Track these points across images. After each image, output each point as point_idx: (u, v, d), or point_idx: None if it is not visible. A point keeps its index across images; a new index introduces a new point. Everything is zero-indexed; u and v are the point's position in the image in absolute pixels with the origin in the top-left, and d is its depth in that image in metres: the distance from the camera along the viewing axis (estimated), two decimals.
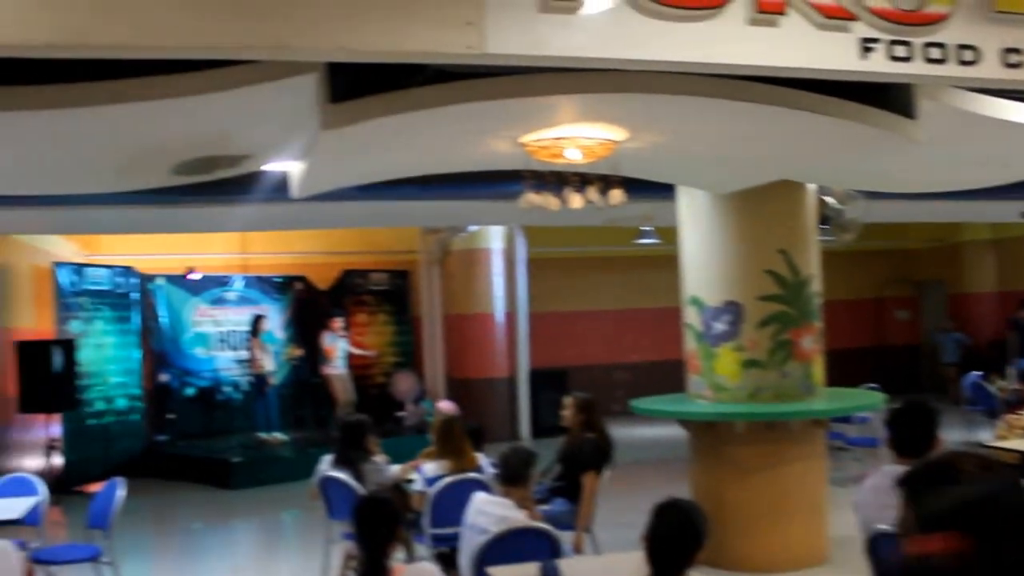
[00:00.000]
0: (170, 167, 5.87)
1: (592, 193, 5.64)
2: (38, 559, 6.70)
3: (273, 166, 6.77)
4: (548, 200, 5.68)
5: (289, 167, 6.67)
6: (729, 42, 4.02)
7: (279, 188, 7.27)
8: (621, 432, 7.75)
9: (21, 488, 7.51)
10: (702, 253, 7.42)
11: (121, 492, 7.08)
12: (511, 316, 16.11)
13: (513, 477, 5.31)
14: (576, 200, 5.67)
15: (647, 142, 5.48)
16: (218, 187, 7.07)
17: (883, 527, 4.02)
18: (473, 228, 15.30)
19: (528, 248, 15.62)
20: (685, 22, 3.96)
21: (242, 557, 9.52)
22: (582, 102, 4.68)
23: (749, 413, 7.05)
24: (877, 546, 4.15)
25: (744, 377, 7.18)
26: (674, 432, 7.93)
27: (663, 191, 7.70)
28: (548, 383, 15.51)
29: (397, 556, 3.94)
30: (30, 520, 6.98)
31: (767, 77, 4.48)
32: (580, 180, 5.73)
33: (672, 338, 9.63)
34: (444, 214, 11.20)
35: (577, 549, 6.59)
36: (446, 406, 11.87)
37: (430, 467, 6.79)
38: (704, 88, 4.54)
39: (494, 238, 16.17)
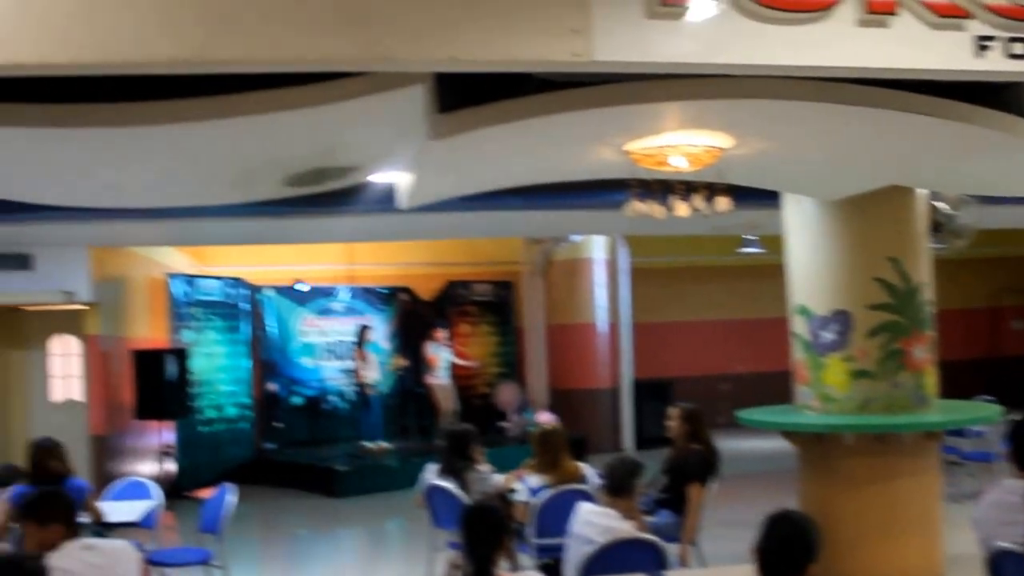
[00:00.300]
0: (282, 179, 6.01)
1: (698, 201, 5.58)
2: (152, 561, 6.91)
3: (379, 177, 6.88)
4: (654, 208, 5.64)
5: (396, 178, 6.76)
6: (838, 44, 3.95)
7: (384, 199, 7.38)
8: (726, 444, 7.65)
9: (137, 492, 7.76)
10: (809, 261, 7.28)
11: (232, 498, 7.25)
12: (614, 326, 16.06)
13: (618, 487, 5.28)
14: (682, 208, 5.62)
15: (753, 149, 5.41)
16: (325, 199, 7.21)
17: (1005, 544, 3.89)
18: (576, 238, 15.31)
19: (631, 258, 15.55)
20: (793, 25, 3.90)
21: (347, 564, 9.66)
22: (689, 109, 4.64)
23: (859, 425, 6.88)
24: (999, 564, 4.01)
25: (853, 388, 7.01)
26: (780, 444, 7.79)
27: (769, 199, 7.58)
28: (651, 394, 15.41)
29: (501, 565, 3.94)
30: (145, 523, 7.20)
31: (878, 80, 4.38)
32: (686, 188, 5.68)
33: (777, 349, 9.47)
34: (547, 224, 11.23)
35: (683, 562, 6.53)
36: (546, 418, 11.88)
37: (534, 478, 6.79)
38: (813, 92, 4.45)
39: (597, 248, 16.17)
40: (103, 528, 6.63)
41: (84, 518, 6.35)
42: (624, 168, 5.53)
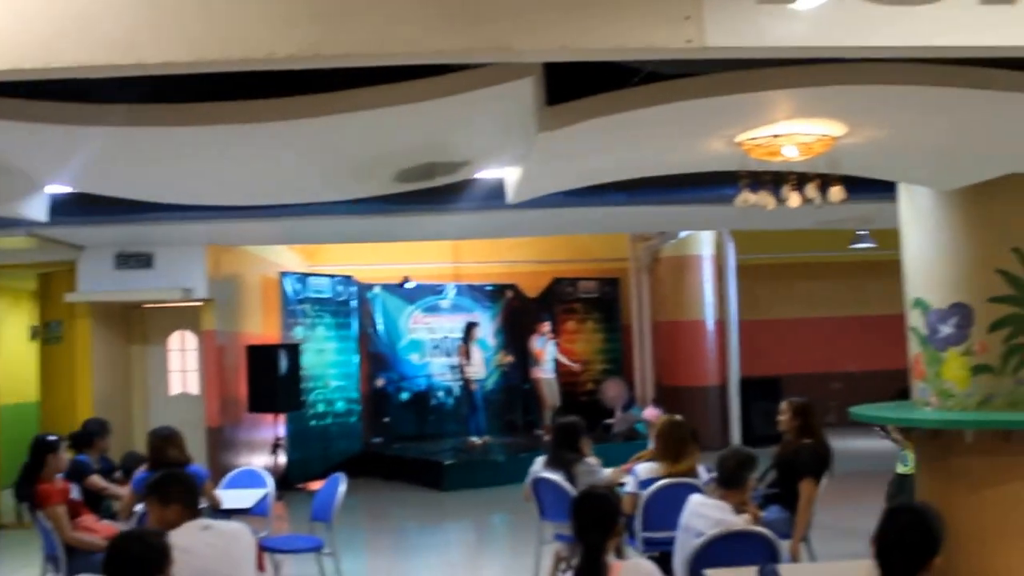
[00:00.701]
0: (393, 174, 6.09)
1: (811, 190, 5.48)
2: (265, 547, 7.08)
3: (487, 173, 6.92)
4: (765, 198, 5.55)
5: (504, 173, 6.80)
6: (960, 24, 3.80)
7: (491, 196, 7.43)
8: (836, 443, 7.48)
9: (250, 481, 7.98)
10: (927, 253, 7.08)
11: (343, 487, 7.39)
12: (721, 323, 15.89)
13: (730, 479, 5.22)
14: (795, 198, 5.52)
15: (867, 137, 5.29)
16: (432, 196, 7.29)
17: None
18: (683, 234, 15.20)
19: (738, 254, 15.36)
20: (910, 5, 3.78)
21: (454, 555, 9.74)
22: (803, 96, 4.55)
23: (981, 421, 6.65)
24: None
25: (974, 383, 6.78)
26: (891, 444, 7.61)
27: (882, 190, 7.41)
28: (759, 392, 15.20)
29: (610, 555, 3.93)
30: (258, 510, 7.39)
31: (1002, 60, 4.23)
32: (797, 179, 5.58)
33: (888, 347, 9.23)
34: (654, 219, 11.16)
35: (794, 557, 6.43)
36: (651, 413, 11.76)
37: (643, 468, 6.73)
38: (930, 76, 4.32)
39: (704, 244, 16.03)
40: (218, 515, 6.82)
41: (202, 503, 6.55)
42: (735, 160, 5.46)
